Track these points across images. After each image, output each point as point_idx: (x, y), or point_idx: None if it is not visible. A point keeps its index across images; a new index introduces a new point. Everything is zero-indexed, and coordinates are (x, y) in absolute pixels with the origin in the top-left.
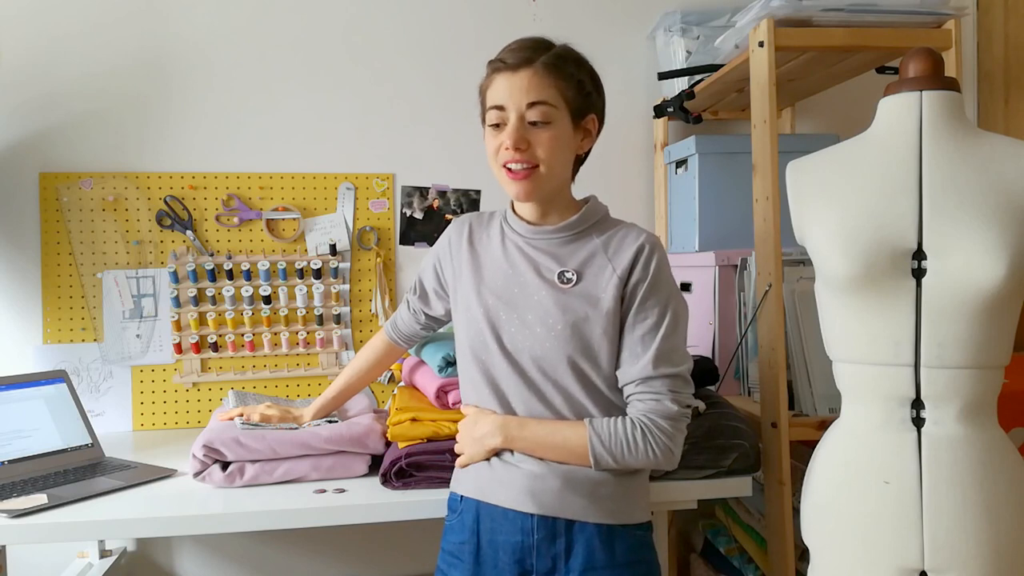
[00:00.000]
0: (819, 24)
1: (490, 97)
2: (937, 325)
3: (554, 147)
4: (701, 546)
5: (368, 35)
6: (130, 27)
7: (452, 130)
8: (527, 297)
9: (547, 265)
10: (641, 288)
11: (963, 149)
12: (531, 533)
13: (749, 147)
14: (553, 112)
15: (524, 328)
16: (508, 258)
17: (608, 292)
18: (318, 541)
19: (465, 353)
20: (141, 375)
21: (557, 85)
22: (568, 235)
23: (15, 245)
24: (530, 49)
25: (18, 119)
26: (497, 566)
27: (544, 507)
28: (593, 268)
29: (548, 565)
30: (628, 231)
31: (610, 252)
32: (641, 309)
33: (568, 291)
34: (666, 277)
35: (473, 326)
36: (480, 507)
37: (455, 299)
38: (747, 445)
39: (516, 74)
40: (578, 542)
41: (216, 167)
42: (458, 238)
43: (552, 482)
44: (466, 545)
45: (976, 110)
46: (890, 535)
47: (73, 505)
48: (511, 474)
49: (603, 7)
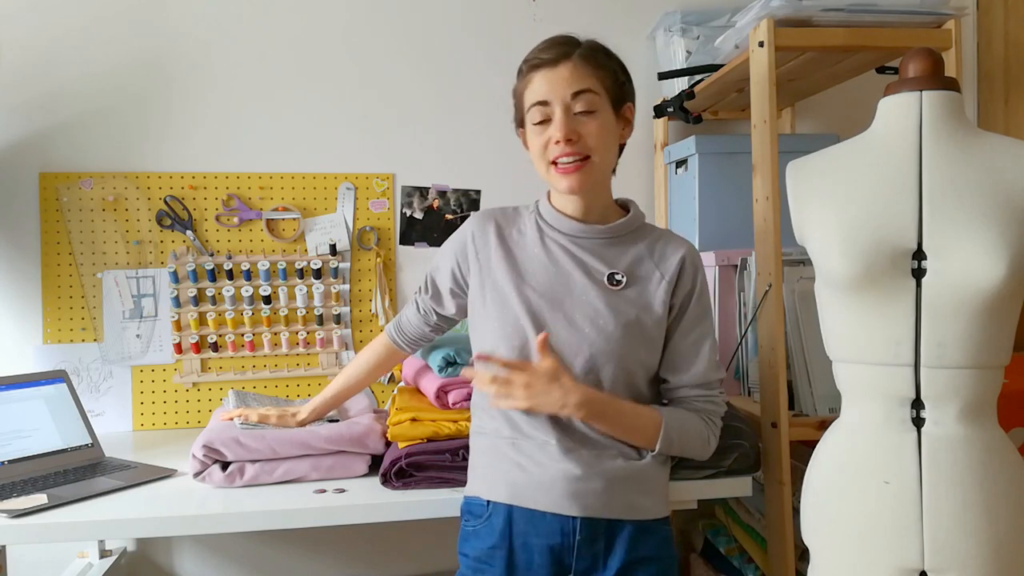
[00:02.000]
0: (819, 24)
1: (530, 95)
2: (937, 325)
3: (602, 135)
4: (701, 546)
5: (369, 35)
6: (130, 27)
7: (452, 130)
8: (575, 297)
9: (595, 266)
10: (692, 298)
11: (963, 149)
12: (572, 535)
13: (749, 147)
14: (597, 100)
15: (571, 327)
16: (550, 256)
17: (658, 297)
18: (318, 541)
19: (498, 349)
20: (141, 375)
21: (596, 74)
22: (615, 237)
23: (15, 245)
24: (563, 44)
25: (18, 119)
26: (531, 568)
27: (588, 509)
28: (641, 272)
29: (588, 563)
30: (669, 238)
31: (656, 258)
32: (693, 317)
33: (618, 293)
34: (706, 286)
35: (511, 323)
36: (513, 511)
37: (481, 296)
38: (747, 445)
39: (556, 68)
40: (618, 541)
41: (216, 167)
42: (483, 234)
43: (595, 483)
44: (497, 551)
45: (976, 110)
46: (890, 535)
47: (73, 505)
48: (548, 476)
49: (603, 7)
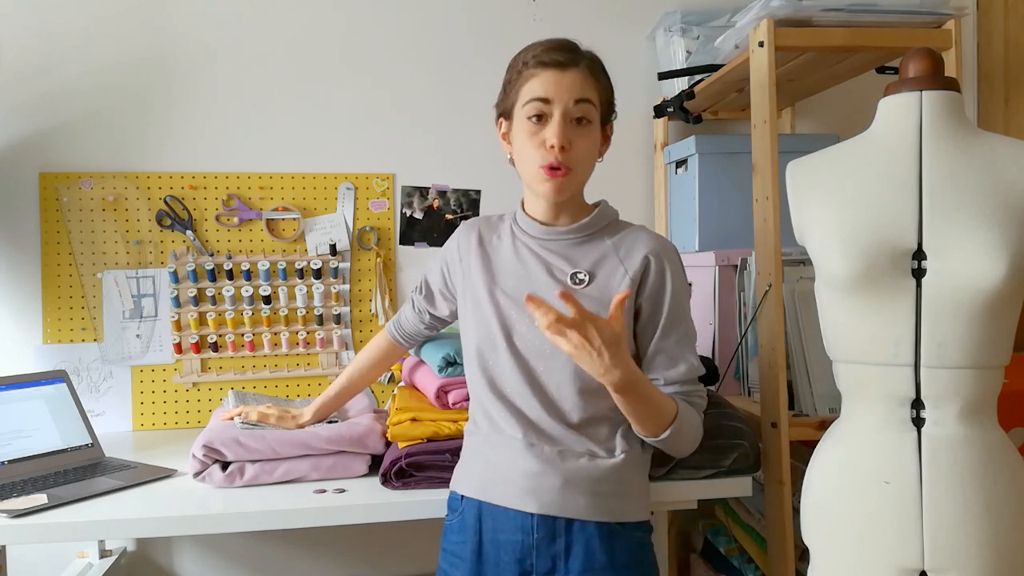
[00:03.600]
0: (819, 24)
1: (531, 90)
2: (937, 325)
3: (590, 149)
4: (701, 546)
5: (369, 35)
6: (130, 27)
7: (452, 130)
8: (540, 297)
9: (559, 266)
10: (665, 296)
11: (963, 149)
12: (531, 532)
13: (749, 147)
14: (593, 112)
15: (536, 328)
16: (520, 259)
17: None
18: (318, 541)
19: (471, 353)
20: (141, 375)
21: (596, 87)
22: (580, 236)
23: (15, 245)
24: (571, 51)
25: (18, 119)
26: (499, 565)
27: (544, 506)
28: (605, 269)
29: (548, 565)
30: (639, 233)
31: (621, 253)
32: (674, 315)
33: (580, 292)
34: (681, 279)
35: (483, 326)
36: (482, 507)
37: (463, 300)
38: (747, 445)
39: (565, 72)
40: (577, 542)
41: (216, 167)
42: (467, 241)
43: (552, 480)
44: (467, 544)
45: (976, 110)
46: (890, 535)
47: (73, 505)
48: (511, 472)
49: (603, 7)
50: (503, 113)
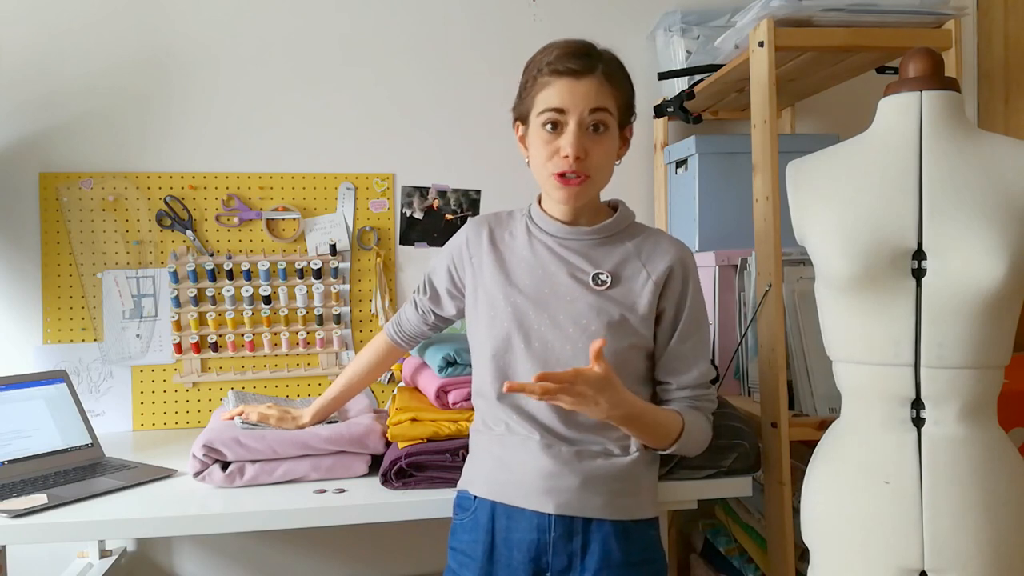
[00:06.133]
0: (819, 24)
1: (546, 99)
2: (937, 325)
3: (607, 156)
4: (701, 546)
5: (368, 35)
6: (130, 27)
7: (452, 130)
8: (559, 298)
9: (580, 266)
10: (686, 302)
11: (963, 149)
12: (548, 531)
13: (749, 147)
14: (610, 119)
15: (555, 328)
16: (537, 258)
17: (644, 297)
18: (318, 541)
19: (484, 354)
20: (141, 375)
21: (614, 94)
22: (602, 237)
23: (15, 245)
24: (588, 57)
25: (18, 119)
26: (511, 564)
27: (562, 507)
28: (627, 272)
29: (564, 563)
30: (659, 238)
31: (643, 257)
32: (691, 321)
33: (602, 293)
34: (699, 285)
35: (498, 326)
36: (496, 507)
37: (474, 299)
38: (747, 445)
39: (580, 80)
40: (594, 540)
41: (216, 167)
42: (477, 238)
43: (570, 480)
44: (479, 543)
45: (976, 110)
46: (890, 535)
47: (73, 505)
48: (527, 472)
49: (603, 7)
50: (519, 117)
